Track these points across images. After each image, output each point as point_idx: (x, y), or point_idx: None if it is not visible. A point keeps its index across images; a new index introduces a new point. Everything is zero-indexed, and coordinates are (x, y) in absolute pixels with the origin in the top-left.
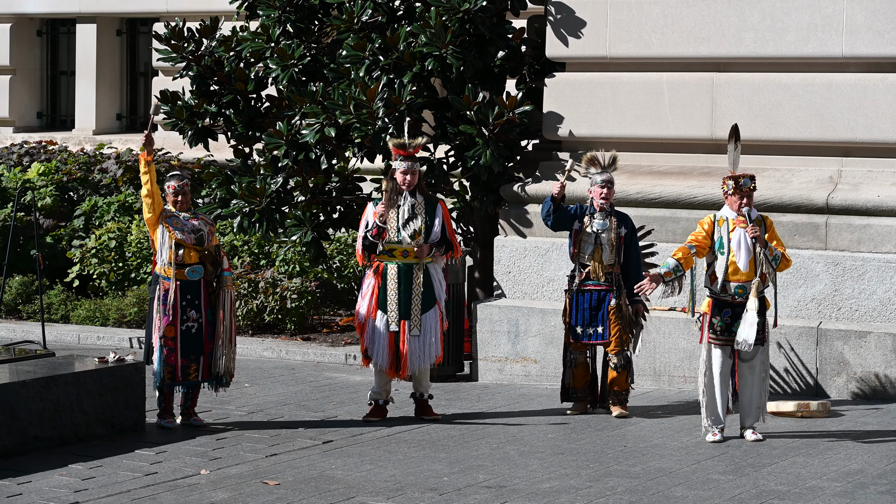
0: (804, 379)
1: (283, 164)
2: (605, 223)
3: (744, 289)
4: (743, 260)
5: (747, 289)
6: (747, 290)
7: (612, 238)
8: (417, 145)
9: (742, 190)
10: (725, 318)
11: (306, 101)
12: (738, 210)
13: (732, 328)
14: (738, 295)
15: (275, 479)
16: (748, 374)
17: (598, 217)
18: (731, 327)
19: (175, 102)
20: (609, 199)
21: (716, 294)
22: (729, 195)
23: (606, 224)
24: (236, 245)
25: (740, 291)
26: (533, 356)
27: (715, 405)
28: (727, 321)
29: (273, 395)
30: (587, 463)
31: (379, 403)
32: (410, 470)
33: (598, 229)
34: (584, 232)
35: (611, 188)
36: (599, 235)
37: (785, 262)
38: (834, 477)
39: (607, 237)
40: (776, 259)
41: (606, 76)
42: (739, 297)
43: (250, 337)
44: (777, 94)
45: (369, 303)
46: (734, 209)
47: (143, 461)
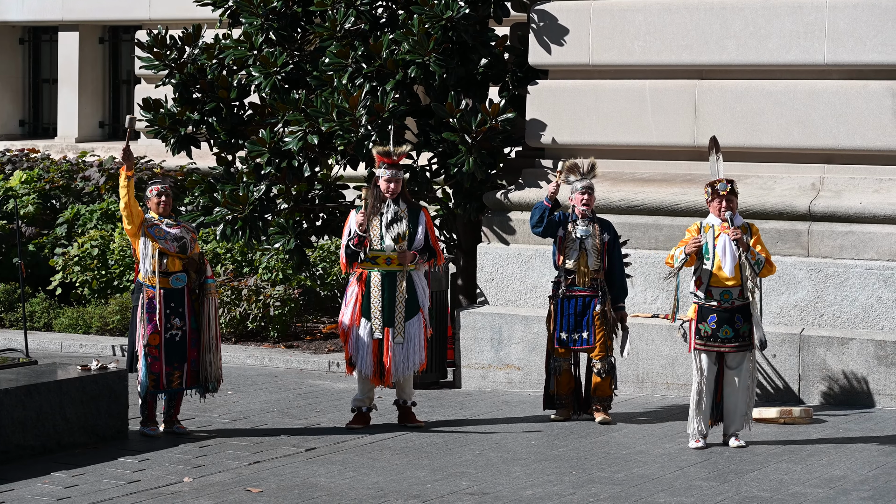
0: (787, 385)
1: (266, 172)
2: (588, 229)
3: (729, 294)
4: (728, 265)
5: (732, 294)
6: (732, 295)
7: (597, 244)
8: (402, 153)
9: (720, 194)
10: (711, 324)
11: (289, 108)
12: (720, 214)
13: (719, 334)
14: (723, 300)
15: (258, 486)
16: (734, 381)
17: (580, 223)
18: (717, 333)
19: (158, 110)
20: (590, 206)
21: (700, 300)
22: (710, 202)
23: (590, 230)
24: (219, 253)
25: (725, 297)
26: (516, 363)
27: (702, 412)
28: (713, 327)
29: (256, 403)
30: (570, 469)
31: (362, 411)
32: (394, 477)
33: (581, 235)
34: (568, 238)
35: (591, 194)
36: (584, 241)
37: (769, 267)
38: (816, 483)
39: (591, 243)
40: (759, 263)
41: (589, 83)
42: (725, 301)
43: (233, 344)
44: (759, 101)
45: (353, 310)
46: (716, 214)
47: (126, 469)
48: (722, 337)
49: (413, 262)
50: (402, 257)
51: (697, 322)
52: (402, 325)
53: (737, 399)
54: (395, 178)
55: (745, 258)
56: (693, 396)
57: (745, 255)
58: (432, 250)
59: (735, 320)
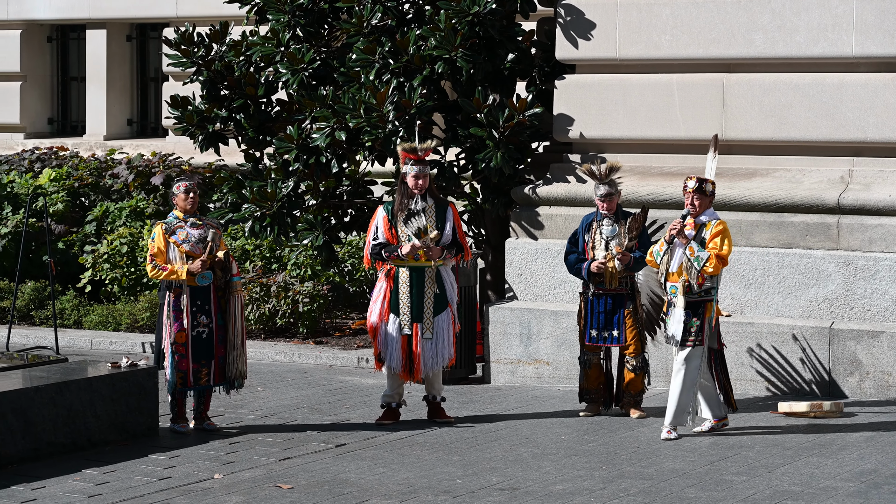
0: (817, 379)
1: (293, 168)
2: (614, 228)
3: (675, 289)
4: (675, 261)
5: (678, 289)
6: (678, 290)
7: (623, 241)
8: (428, 149)
9: (686, 191)
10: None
11: (317, 105)
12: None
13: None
14: (672, 295)
15: (288, 482)
16: (684, 374)
17: (606, 223)
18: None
19: (185, 107)
20: (613, 209)
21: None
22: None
23: (616, 230)
24: (248, 249)
25: (673, 291)
26: (545, 358)
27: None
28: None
29: (286, 399)
30: (600, 464)
31: (391, 406)
32: (423, 473)
33: (608, 236)
34: (594, 240)
35: (612, 199)
36: (610, 242)
37: (713, 263)
38: (847, 477)
39: (618, 242)
40: (697, 259)
41: (616, 78)
42: (673, 296)
43: (262, 341)
44: (787, 94)
45: (381, 306)
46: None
47: (156, 466)
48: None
49: (441, 257)
50: (430, 253)
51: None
52: (431, 320)
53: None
54: (422, 173)
55: (684, 254)
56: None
57: (684, 252)
58: (460, 245)
59: (686, 316)
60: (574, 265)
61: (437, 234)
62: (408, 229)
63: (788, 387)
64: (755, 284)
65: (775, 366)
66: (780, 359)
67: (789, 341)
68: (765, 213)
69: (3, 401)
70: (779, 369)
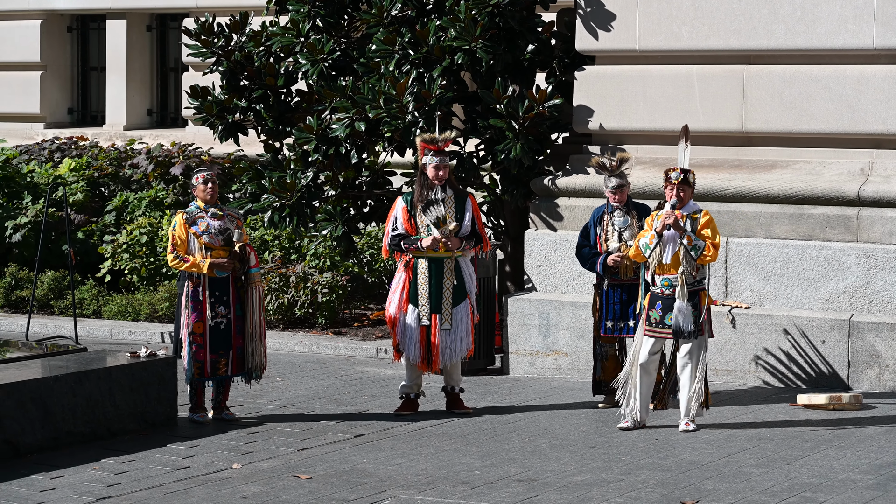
0: (836, 372)
1: (313, 159)
2: (625, 220)
3: (668, 282)
4: (668, 253)
5: (672, 282)
6: (672, 283)
7: (636, 232)
8: (448, 140)
9: (671, 182)
10: (658, 311)
11: (336, 95)
12: (669, 201)
13: (664, 321)
14: (665, 288)
15: (306, 472)
16: (683, 367)
17: (617, 215)
18: (662, 320)
19: (205, 98)
20: (623, 201)
21: (651, 287)
22: (664, 188)
23: (627, 220)
24: (267, 240)
25: (665, 284)
26: (564, 349)
27: (635, 394)
28: (660, 314)
29: (304, 389)
30: (618, 456)
31: (410, 397)
32: (442, 463)
33: (620, 227)
34: (607, 231)
35: (622, 191)
36: (622, 233)
37: (708, 253)
38: (866, 469)
39: (630, 233)
40: (696, 248)
41: (636, 69)
42: (666, 289)
43: (281, 331)
44: (808, 86)
45: (400, 297)
46: (668, 201)
47: (175, 455)
48: (667, 324)
49: (460, 248)
50: (449, 244)
51: (648, 308)
52: (450, 311)
53: (686, 384)
54: (442, 164)
55: (681, 244)
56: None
57: (681, 241)
58: (479, 236)
59: None
60: (588, 259)
61: (456, 226)
62: (426, 218)
63: (807, 379)
64: (774, 276)
65: (794, 358)
66: (799, 351)
67: (808, 333)
68: (784, 205)
69: (23, 390)
70: (798, 361)
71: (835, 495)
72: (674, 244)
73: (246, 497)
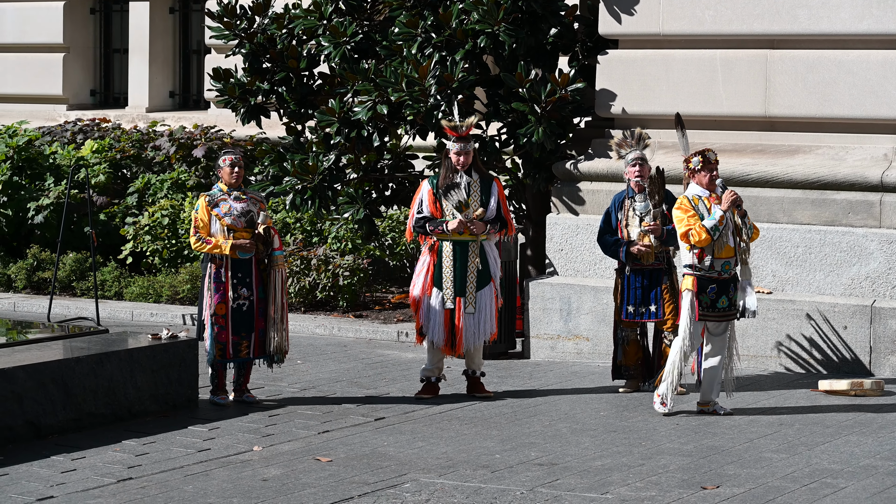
0: (857, 358)
1: (335, 142)
2: (646, 204)
3: (728, 265)
4: (728, 235)
5: (731, 264)
6: (731, 265)
7: (657, 217)
8: (470, 125)
9: (710, 162)
10: (711, 294)
11: (359, 78)
12: (710, 184)
13: (717, 304)
14: (723, 271)
15: (327, 455)
16: (718, 349)
17: (638, 199)
18: (715, 303)
19: (228, 80)
20: (645, 176)
21: (701, 271)
22: (697, 171)
23: (648, 205)
24: (289, 222)
25: (726, 267)
26: (585, 334)
27: (679, 379)
28: (712, 297)
29: (325, 372)
30: (639, 441)
31: (431, 381)
32: (462, 447)
33: (641, 212)
34: (627, 217)
35: (644, 165)
36: (643, 217)
37: (756, 231)
38: (888, 456)
39: (651, 218)
40: (750, 228)
41: (659, 53)
42: (725, 272)
43: (303, 314)
44: (831, 71)
45: (424, 280)
46: (705, 184)
47: (196, 437)
48: (720, 307)
49: (485, 232)
50: (476, 228)
51: (698, 293)
52: (474, 295)
53: (718, 366)
54: (464, 150)
55: (742, 222)
56: (678, 363)
57: (744, 220)
58: (504, 220)
59: (730, 289)
60: (610, 247)
61: (482, 211)
62: (448, 202)
63: (829, 365)
64: (797, 262)
65: (816, 343)
66: (820, 336)
67: (830, 319)
68: (807, 191)
69: (45, 371)
70: (819, 347)
71: (856, 481)
72: (729, 226)
73: (266, 479)
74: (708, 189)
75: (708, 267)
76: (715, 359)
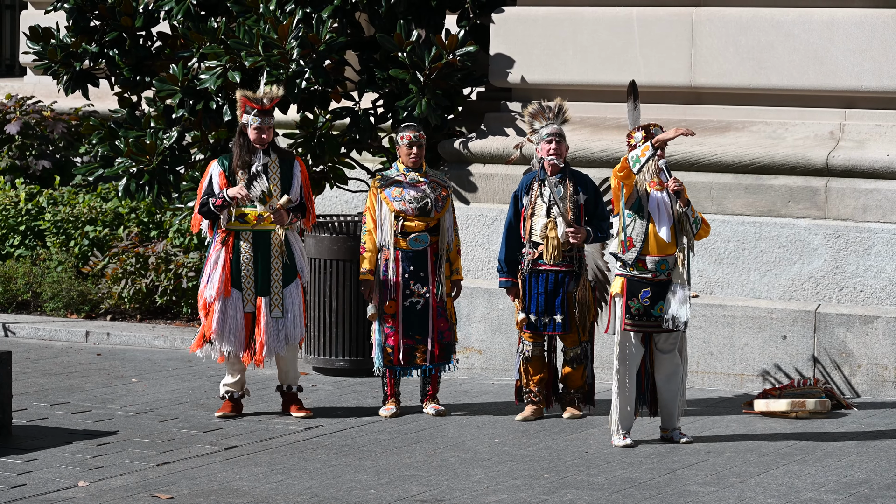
0: (799, 372)
1: (177, 116)
2: (559, 190)
3: (665, 264)
4: (665, 229)
5: (669, 263)
6: (669, 265)
7: (570, 207)
8: (275, 97)
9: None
10: (644, 300)
11: (206, 39)
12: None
13: (652, 311)
14: (659, 271)
15: (167, 491)
16: (672, 367)
17: (548, 183)
18: (649, 310)
19: (48, 41)
20: (561, 155)
21: (631, 271)
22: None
23: (561, 191)
24: (121, 213)
25: (662, 267)
26: (477, 345)
27: (629, 404)
28: (646, 303)
29: (165, 393)
30: (541, 472)
31: (234, 397)
32: (330, 481)
33: (550, 199)
34: (534, 203)
35: (561, 142)
36: (552, 207)
37: (705, 227)
38: (834, 488)
39: (563, 207)
40: (696, 222)
41: (566, 11)
42: (661, 273)
43: (138, 322)
44: (768, 33)
45: (221, 279)
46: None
47: (9, 471)
48: (656, 315)
49: (288, 221)
50: (278, 217)
51: (627, 298)
52: (280, 294)
53: (676, 388)
54: (266, 125)
55: (685, 214)
56: (616, 385)
57: (686, 212)
58: (305, 207)
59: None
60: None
61: (287, 199)
62: (251, 194)
63: (765, 381)
64: (727, 259)
65: (750, 356)
66: (756, 348)
67: (767, 327)
68: (740, 175)
69: None
70: (754, 360)
71: None
72: (669, 218)
73: None
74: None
75: (637, 265)
76: (670, 379)
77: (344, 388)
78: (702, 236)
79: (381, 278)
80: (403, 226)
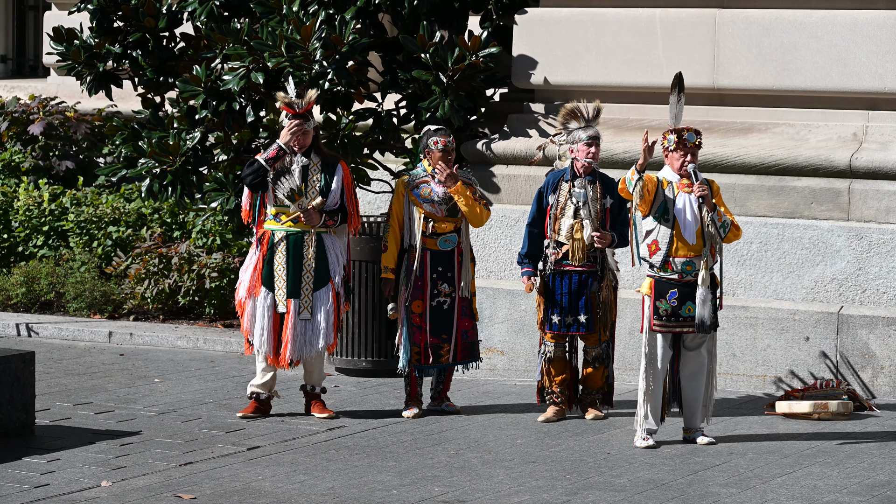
0: (822, 374)
1: (200, 117)
2: (586, 192)
3: (692, 265)
4: (690, 230)
5: (696, 265)
6: (696, 266)
7: (597, 210)
8: (310, 101)
9: (686, 145)
10: (671, 301)
11: (229, 40)
12: (681, 169)
13: (680, 312)
14: (685, 273)
15: (190, 492)
16: (696, 366)
17: (577, 185)
18: (678, 311)
19: (71, 42)
20: (596, 159)
21: (658, 272)
22: (670, 151)
23: (589, 193)
24: (145, 213)
25: (688, 269)
26: (499, 346)
27: (657, 405)
28: (673, 304)
29: (188, 393)
30: (563, 473)
31: (261, 398)
32: (352, 482)
33: (578, 200)
34: (562, 204)
35: (598, 146)
36: (580, 208)
37: (735, 231)
38: (856, 490)
39: (593, 209)
40: (724, 226)
41: (588, 13)
42: (687, 274)
43: (161, 323)
44: (791, 35)
45: (252, 277)
46: (676, 168)
47: (32, 471)
48: (684, 315)
49: (320, 223)
50: (308, 217)
51: (655, 299)
52: (310, 297)
53: (700, 387)
54: (301, 129)
55: (711, 219)
56: (643, 386)
57: (712, 216)
58: (346, 211)
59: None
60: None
61: (321, 201)
62: (278, 192)
63: (788, 383)
64: (750, 261)
65: (773, 358)
66: (778, 349)
67: (790, 328)
68: (763, 176)
69: None
70: (777, 362)
71: None
72: (696, 221)
73: None
74: (680, 175)
75: (664, 266)
76: (694, 377)
77: (366, 388)
78: (731, 240)
79: (409, 278)
80: (433, 227)
